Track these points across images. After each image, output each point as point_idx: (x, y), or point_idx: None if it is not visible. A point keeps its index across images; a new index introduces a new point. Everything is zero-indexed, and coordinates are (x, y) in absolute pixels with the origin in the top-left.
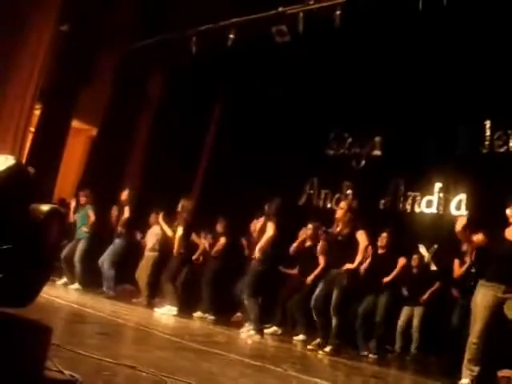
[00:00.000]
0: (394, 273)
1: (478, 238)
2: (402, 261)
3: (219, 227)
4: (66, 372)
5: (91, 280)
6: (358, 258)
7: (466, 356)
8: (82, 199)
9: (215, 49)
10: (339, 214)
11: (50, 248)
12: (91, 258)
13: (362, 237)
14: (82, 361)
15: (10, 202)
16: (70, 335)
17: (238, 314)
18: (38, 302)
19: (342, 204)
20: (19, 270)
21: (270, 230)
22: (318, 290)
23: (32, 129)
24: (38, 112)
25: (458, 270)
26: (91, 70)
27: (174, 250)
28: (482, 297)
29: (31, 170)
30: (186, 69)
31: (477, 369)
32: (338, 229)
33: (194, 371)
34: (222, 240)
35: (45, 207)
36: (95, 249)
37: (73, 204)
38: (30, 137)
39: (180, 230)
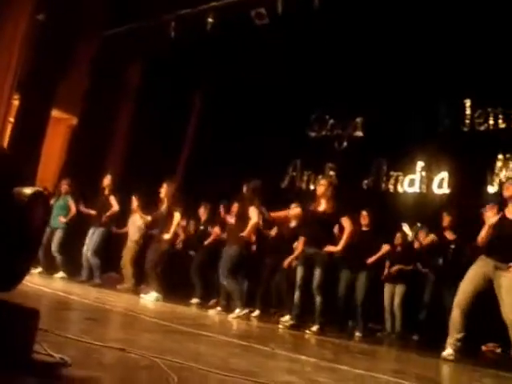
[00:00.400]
0: (376, 256)
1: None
2: (385, 247)
3: (202, 214)
4: (55, 355)
5: (74, 269)
6: (342, 243)
7: (450, 326)
8: (64, 187)
9: (194, 34)
10: (320, 190)
11: (35, 231)
12: (70, 246)
13: (347, 222)
14: (71, 344)
15: None
16: (57, 321)
17: (214, 300)
18: (22, 290)
19: (323, 181)
20: (3, 254)
21: (254, 216)
22: (298, 273)
23: (11, 119)
24: (16, 102)
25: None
26: (69, 58)
27: (167, 235)
28: (475, 269)
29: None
30: (165, 55)
31: (459, 336)
32: (321, 207)
33: (183, 352)
34: (217, 230)
35: (28, 190)
36: (73, 238)
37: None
38: (9, 127)
39: (178, 216)
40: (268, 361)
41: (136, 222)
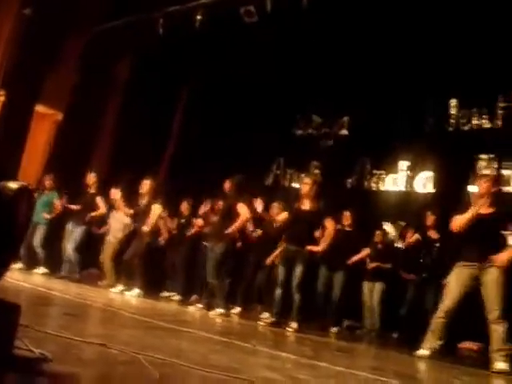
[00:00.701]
0: (356, 258)
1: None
2: (365, 251)
3: (185, 210)
4: (36, 350)
5: (55, 265)
6: (324, 245)
7: (431, 328)
8: (47, 183)
9: (183, 30)
10: (305, 189)
11: (19, 226)
12: (52, 243)
13: (329, 224)
14: (51, 340)
15: None
16: (37, 316)
17: (195, 296)
18: (2, 285)
19: (307, 180)
20: None
21: (244, 212)
22: (280, 270)
23: None
24: (2, 98)
25: (408, 239)
26: (56, 53)
27: (146, 228)
28: (457, 277)
29: None
30: (154, 52)
31: (439, 342)
32: (305, 206)
33: (164, 348)
34: (200, 222)
35: (14, 185)
36: (55, 234)
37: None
38: None
39: (158, 209)
40: (249, 357)
41: (121, 220)
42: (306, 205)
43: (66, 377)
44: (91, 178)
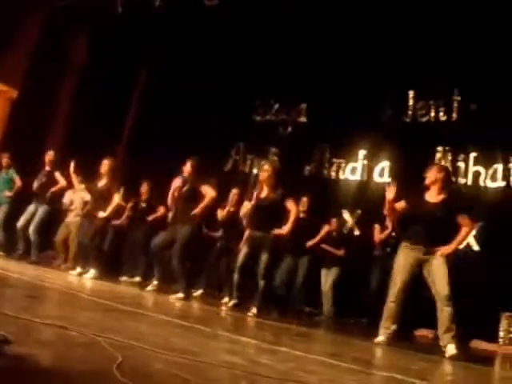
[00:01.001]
0: (317, 238)
1: (401, 205)
2: (325, 227)
3: (144, 192)
4: None
5: (12, 245)
6: (289, 226)
7: (384, 314)
8: (5, 161)
9: (141, 10)
10: (263, 176)
11: None
12: (11, 223)
13: (291, 205)
14: (11, 322)
15: None
16: None
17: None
18: None
19: (266, 166)
20: None
21: (210, 192)
22: (242, 254)
23: None
24: None
25: (378, 235)
26: (12, 30)
27: (102, 213)
28: (404, 258)
29: None
30: (111, 31)
31: (393, 327)
32: (264, 193)
33: (123, 330)
34: (162, 210)
35: None
36: (15, 214)
37: None
38: None
39: (118, 198)
40: (209, 341)
41: (79, 195)
42: (265, 192)
43: (26, 359)
44: (49, 156)
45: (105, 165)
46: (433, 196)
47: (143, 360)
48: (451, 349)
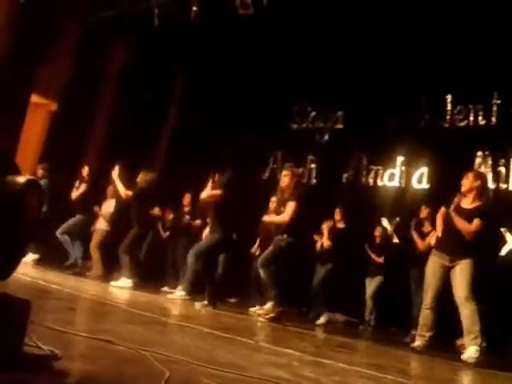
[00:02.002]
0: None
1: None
2: (327, 223)
3: (186, 204)
4: (45, 347)
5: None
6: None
7: (420, 322)
8: (39, 172)
9: (178, 21)
10: (284, 181)
11: (29, 221)
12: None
13: (290, 205)
14: (57, 336)
15: None
16: (38, 310)
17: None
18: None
19: (285, 172)
20: None
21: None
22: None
23: None
24: None
25: (420, 242)
26: (51, 42)
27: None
28: (433, 265)
29: None
30: (149, 41)
31: (428, 334)
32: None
33: (167, 344)
34: (198, 221)
35: (22, 179)
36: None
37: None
38: None
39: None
40: (253, 353)
41: (109, 204)
42: (286, 196)
43: (77, 376)
44: (85, 171)
45: (140, 178)
46: (468, 203)
47: (190, 374)
48: (470, 351)
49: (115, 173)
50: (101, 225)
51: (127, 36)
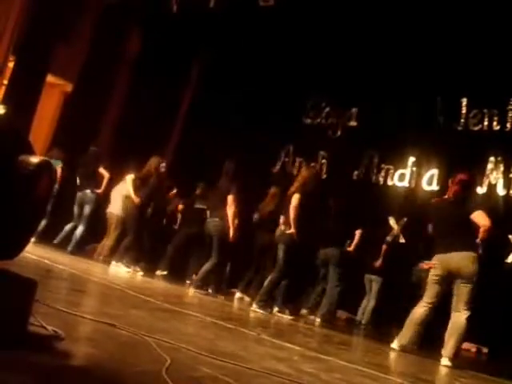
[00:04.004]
0: (354, 244)
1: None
2: (358, 232)
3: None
4: (49, 327)
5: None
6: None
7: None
8: (54, 153)
9: (197, 9)
10: (301, 176)
11: (40, 201)
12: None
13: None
14: (61, 317)
15: None
16: (45, 291)
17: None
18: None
19: (305, 168)
20: (6, 223)
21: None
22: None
23: (5, 82)
24: (11, 64)
25: None
26: (69, 24)
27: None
28: (434, 270)
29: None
30: (166, 27)
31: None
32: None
33: (170, 331)
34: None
35: (34, 159)
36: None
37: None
38: (2, 90)
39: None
40: (255, 345)
41: (120, 191)
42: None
43: (79, 358)
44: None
45: (152, 162)
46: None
47: (191, 363)
48: (446, 361)
49: (129, 181)
50: (114, 209)
51: (145, 21)
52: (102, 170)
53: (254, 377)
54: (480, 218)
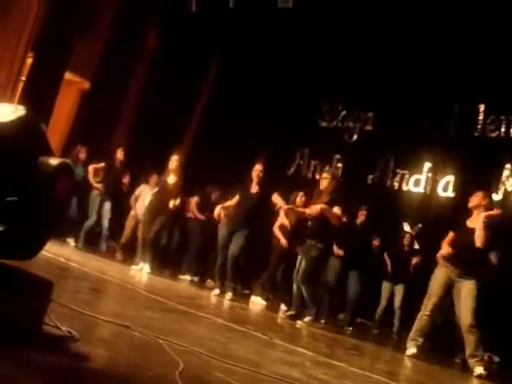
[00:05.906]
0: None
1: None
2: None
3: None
4: (63, 328)
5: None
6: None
7: (415, 327)
8: (82, 156)
9: (216, 8)
10: (323, 184)
11: (59, 201)
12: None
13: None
14: (76, 317)
15: (18, 153)
16: (60, 290)
17: (209, 280)
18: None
19: (325, 174)
20: (25, 223)
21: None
22: (298, 263)
23: (23, 78)
24: (29, 60)
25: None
26: (87, 21)
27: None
28: (440, 275)
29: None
30: (184, 24)
31: (421, 340)
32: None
33: (183, 333)
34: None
35: (54, 161)
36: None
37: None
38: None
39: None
40: (267, 350)
41: (148, 193)
42: (323, 199)
43: (92, 360)
44: (120, 155)
45: (174, 161)
46: (473, 221)
47: (204, 367)
48: (478, 369)
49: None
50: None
51: (163, 18)
52: (124, 180)
53: (266, 382)
54: None
